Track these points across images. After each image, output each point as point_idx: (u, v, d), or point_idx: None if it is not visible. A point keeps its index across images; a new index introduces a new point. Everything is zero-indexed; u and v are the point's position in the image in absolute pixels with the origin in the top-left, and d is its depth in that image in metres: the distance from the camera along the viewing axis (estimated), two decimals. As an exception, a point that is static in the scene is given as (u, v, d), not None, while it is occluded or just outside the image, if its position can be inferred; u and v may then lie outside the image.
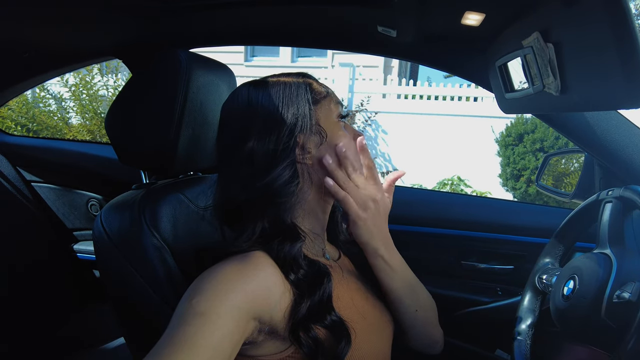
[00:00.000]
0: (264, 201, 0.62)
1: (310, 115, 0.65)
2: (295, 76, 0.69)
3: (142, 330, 0.77)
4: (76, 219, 1.51)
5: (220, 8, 0.90)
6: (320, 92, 0.68)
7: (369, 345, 0.65)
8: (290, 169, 0.63)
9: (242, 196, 0.63)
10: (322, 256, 0.70)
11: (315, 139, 0.65)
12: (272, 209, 0.62)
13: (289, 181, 0.62)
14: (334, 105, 0.69)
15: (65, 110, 4.51)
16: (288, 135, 0.63)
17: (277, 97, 0.65)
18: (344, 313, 0.62)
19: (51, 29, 0.95)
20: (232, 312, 0.52)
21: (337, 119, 0.69)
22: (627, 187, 0.68)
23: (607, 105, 0.65)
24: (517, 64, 0.67)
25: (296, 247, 0.61)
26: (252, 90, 0.66)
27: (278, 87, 0.66)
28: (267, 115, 0.64)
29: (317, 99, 0.67)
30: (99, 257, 0.77)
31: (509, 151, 4.76)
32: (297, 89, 0.66)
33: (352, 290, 0.70)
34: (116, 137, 0.85)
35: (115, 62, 4.53)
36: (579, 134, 0.88)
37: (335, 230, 0.77)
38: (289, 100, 0.64)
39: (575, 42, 0.52)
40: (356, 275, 0.74)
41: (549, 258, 0.83)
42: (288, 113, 0.64)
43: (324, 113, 0.67)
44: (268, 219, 0.62)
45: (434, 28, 0.84)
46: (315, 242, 0.68)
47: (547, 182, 1.27)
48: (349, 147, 0.68)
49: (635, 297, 0.57)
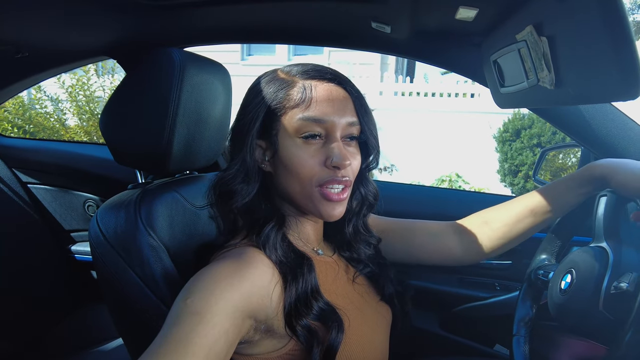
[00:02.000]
0: (226, 191, 0.65)
1: (259, 123, 0.64)
2: (289, 70, 0.67)
3: (139, 330, 0.77)
4: (73, 220, 1.50)
5: (214, 5, 0.89)
6: (292, 99, 0.63)
7: (366, 338, 0.65)
8: (236, 168, 0.64)
9: (218, 183, 0.67)
10: (312, 251, 0.70)
11: (272, 149, 0.64)
12: (231, 201, 0.64)
13: (233, 178, 0.64)
14: (300, 121, 0.61)
15: (62, 111, 4.49)
16: (243, 134, 0.65)
17: (251, 93, 0.67)
18: (339, 305, 0.63)
19: (44, 28, 0.95)
20: (228, 311, 0.52)
21: (298, 136, 0.62)
22: None
23: (601, 98, 0.65)
24: (512, 58, 0.67)
25: (268, 227, 0.63)
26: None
27: (258, 83, 0.67)
28: (241, 109, 0.68)
29: (285, 107, 0.63)
30: (95, 257, 0.76)
31: (506, 147, 4.77)
32: (266, 88, 0.65)
33: (347, 285, 0.71)
34: (111, 138, 0.85)
35: (111, 63, 4.51)
36: (575, 128, 0.88)
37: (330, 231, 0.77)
38: (250, 100, 0.66)
39: (569, 35, 0.52)
40: (353, 273, 0.74)
41: (545, 253, 0.83)
42: (246, 112, 0.66)
43: (285, 125, 0.63)
44: (235, 210, 0.65)
45: (428, 23, 0.84)
46: (299, 233, 0.69)
47: (544, 177, 1.27)
48: (301, 168, 0.62)
49: (632, 287, 0.57)
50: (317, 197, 0.63)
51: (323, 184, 0.62)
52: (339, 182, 0.63)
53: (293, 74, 0.66)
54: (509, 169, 4.74)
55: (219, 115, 0.90)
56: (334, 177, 0.62)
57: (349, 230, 0.74)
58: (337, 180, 0.63)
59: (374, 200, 0.75)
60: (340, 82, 0.66)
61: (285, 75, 0.66)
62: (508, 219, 0.78)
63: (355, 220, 0.74)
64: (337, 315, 0.60)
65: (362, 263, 0.74)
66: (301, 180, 0.62)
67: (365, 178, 0.73)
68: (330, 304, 0.61)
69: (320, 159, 0.62)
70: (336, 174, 0.62)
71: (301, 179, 0.62)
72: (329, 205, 0.63)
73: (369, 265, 0.75)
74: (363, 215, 0.75)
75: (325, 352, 0.58)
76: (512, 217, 0.77)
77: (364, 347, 0.64)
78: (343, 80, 0.67)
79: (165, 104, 0.78)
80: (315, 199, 0.63)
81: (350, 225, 0.74)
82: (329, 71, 0.67)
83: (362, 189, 0.73)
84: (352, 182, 0.66)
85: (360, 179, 0.72)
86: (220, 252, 0.62)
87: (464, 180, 4.94)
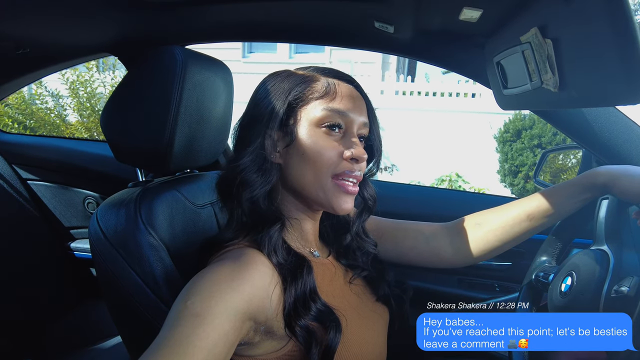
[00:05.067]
0: (236, 184, 0.64)
1: (280, 113, 0.64)
2: (305, 69, 0.70)
3: (138, 328, 0.77)
4: (73, 217, 1.50)
5: (216, 3, 0.89)
6: (316, 91, 0.65)
7: (364, 338, 0.66)
8: (250, 159, 0.64)
9: (224, 177, 0.67)
10: (309, 253, 0.70)
11: (286, 139, 0.65)
12: (244, 193, 0.64)
13: (248, 170, 0.64)
14: (325, 111, 0.64)
15: (62, 107, 4.49)
16: (257, 127, 0.65)
17: (263, 88, 0.67)
18: (337, 306, 0.63)
19: (45, 25, 0.94)
20: (228, 313, 0.52)
21: (319, 126, 0.64)
22: None
23: (605, 102, 0.65)
24: (515, 60, 0.66)
25: (274, 229, 0.62)
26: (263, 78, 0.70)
27: (271, 78, 0.68)
28: (251, 103, 0.68)
29: (308, 98, 0.64)
30: (95, 256, 0.76)
31: (507, 147, 4.77)
32: (283, 83, 0.66)
33: (344, 286, 0.71)
34: (112, 135, 0.84)
35: (112, 59, 4.50)
36: (577, 130, 0.88)
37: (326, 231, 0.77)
38: (268, 93, 0.66)
39: (574, 38, 0.51)
40: (349, 275, 0.74)
41: (546, 255, 0.83)
42: (262, 105, 0.65)
43: (307, 115, 0.64)
44: (244, 204, 0.64)
45: (431, 24, 0.83)
46: (298, 234, 0.69)
47: (544, 178, 1.27)
48: (320, 156, 0.63)
49: (633, 291, 0.57)
50: (331, 188, 0.64)
51: (338, 176, 0.64)
52: (354, 177, 0.65)
53: (312, 71, 0.69)
54: (509, 170, 4.74)
55: (221, 113, 0.90)
56: (349, 170, 0.64)
57: (347, 235, 0.75)
58: (352, 174, 0.65)
59: (373, 204, 0.75)
60: (357, 86, 0.70)
61: (303, 72, 0.69)
62: (504, 222, 0.77)
63: (357, 225, 0.75)
64: (334, 316, 0.61)
65: (360, 268, 0.75)
66: (318, 169, 0.63)
67: (366, 182, 0.75)
68: (327, 305, 0.62)
69: (340, 150, 0.64)
70: (353, 167, 0.64)
71: (318, 168, 0.63)
72: (342, 198, 0.65)
73: (366, 269, 0.75)
74: (363, 220, 0.75)
75: (324, 352, 0.58)
76: (508, 221, 0.77)
77: (361, 346, 0.64)
78: (358, 85, 0.70)
79: (166, 102, 0.77)
80: (328, 190, 0.64)
81: (353, 229, 0.75)
82: (347, 74, 0.70)
83: (364, 192, 0.74)
84: (361, 179, 0.68)
85: (362, 182, 0.72)
86: (220, 252, 0.62)
87: (464, 180, 4.94)
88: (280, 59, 6.40)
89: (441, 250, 0.80)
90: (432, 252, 0.81)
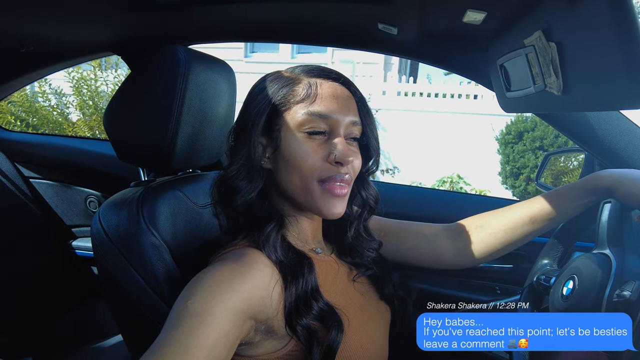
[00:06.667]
0: (225, 191, 0.65)
1: (263, 119, 0.64)
2: (292, 70, 0.68)
3: (139, 328, 0.77)
4: (75, 215, 1.50)
5: (219, 3, 0.89)
6: (297, 95, 0.63)
7: (366, 337, 0.65)
8: (238, 166, 0.64)
9: (216, 184, 0.67)
10: (311, 250, 0.70)
11: (273, 145, 0.64)
12: (234, 198, 0.64)
13: (235, 177, 0.64)
14: (305, 115, 0.62)
15: (65, 105, 4.50)
16: (245, 133, 0.65)
17: (251, 93, 0.67)
18: (339, 305, 0.63)
19: (49, 24, 0.94)
20: (228, 313, 0.52)
21: (301, 131, 0.62)
22: None
23: (609, 106, 0.64)
24: (519, 63, 0.66)
25: (271, 227, 0.62)
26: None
27: (260, 82, 0.68)
28: (243, 108, 0.68)
29: (289, 102, 0.63)
30: (97, 255, 0.76)
31: (508, 149, 4.76)
32: (268, 88, 0.65)
33: (347, 284, 0.70)
34: (115, 134, 0.85)
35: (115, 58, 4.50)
36: (579, 133, 0.87)
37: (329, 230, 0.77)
38: (254, 99, 0.66)
39: (578, 42, 0.51)
40: (353, 273, 0.74)
41: (548, 258, 0.82)
42: (249, 110, 0.65)
43: (290, 120, 0.63)
44: (238, 208, 0.65)
45: (435, 26, 0.83)
46: (297, 232, 0.69)
47: (546, 181, 1.27)
48: (303, 162, 0.62)
49: (635, 295, 0.57)
50: (318, 192, 0.63)
51: (324, 180, 0.63)
52: (341, 180, 0.63)
53: (297, 72, 0.67)
54: (510, 171, 4.74)
55: (223, 113, 0.90)
56: (335, 174, 0.63)
57: (350, 235, 0.74)
58: (338, 178, 0.63)
59: (375, 203, 0.75)
60: (344, 83, 0.67)
61: (289, 74, 0.68)
62: (506, 224, 0.77)
63: (357, 225, 0.74)
64: (336, 316, 0.60)
65: (364, 266, 0.74)
66: (302, 175, 0.62)
67: (365, 181, 0.73)
68: (329, 304, 0.61)
69: (323, 154, 0.62)
70: (338, 170, 0.63)
71: (302, 173, 0.62)
72: (330, 202, 0.63)
73: (370, 268, 0.75)
74: (364, 219, 0.75)
75: (325, 352, 0.58)
76: (510, 223, 0.77)
77: (363, 346, 0.64)
78: (347, 81, 0.68)
79: (169, 101, 0.77)
80: (315, 195, 0.63)
81: (351, 229, 0.74)
82: (333, 71, 0.68)
83: (363, 192, 0.73)
84: (352, 181, 0.66)
85: (361, 182, 0.72)
86: (220, 252, 0.62)
87: (466, 182, 4.93)
88: (282, 59, 6.39)
89: (443, 251, 0.80)
90: (433, 253, 0.81)
